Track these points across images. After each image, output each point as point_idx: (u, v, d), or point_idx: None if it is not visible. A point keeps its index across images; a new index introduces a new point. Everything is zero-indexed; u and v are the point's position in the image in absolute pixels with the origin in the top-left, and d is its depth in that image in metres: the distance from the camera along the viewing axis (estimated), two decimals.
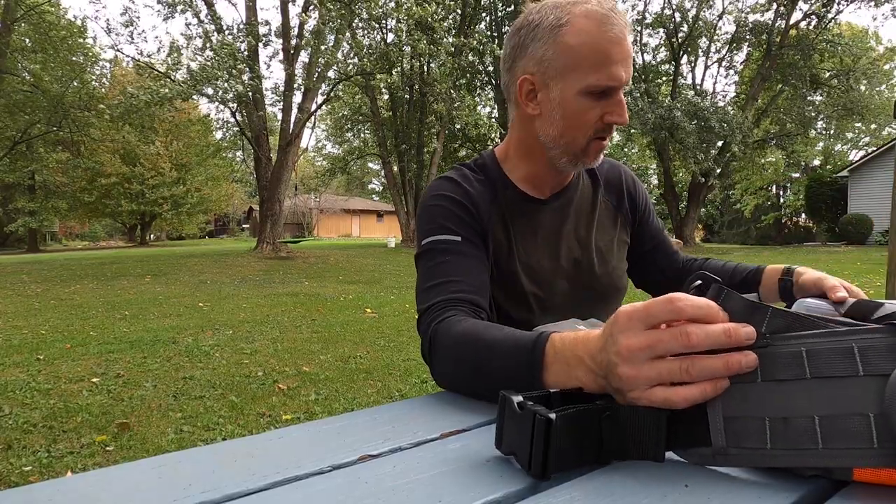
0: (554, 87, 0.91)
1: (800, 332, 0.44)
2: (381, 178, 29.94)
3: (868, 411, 0.41)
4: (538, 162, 1.01)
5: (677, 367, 0.45)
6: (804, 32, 19.15)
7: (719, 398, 0.45)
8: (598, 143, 0.94)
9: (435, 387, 0.90)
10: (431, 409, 0.65)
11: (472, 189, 0.99)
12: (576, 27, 0.87)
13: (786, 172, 31.14)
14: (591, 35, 0.86)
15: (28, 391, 3.53)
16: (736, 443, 0.45)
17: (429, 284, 0.90)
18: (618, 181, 1.14)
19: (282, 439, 0.55)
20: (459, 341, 0.75)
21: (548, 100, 0.92)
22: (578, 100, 0.89)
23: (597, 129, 0.92)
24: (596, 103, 0.89)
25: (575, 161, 0.96)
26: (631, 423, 0.47)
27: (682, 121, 16.77)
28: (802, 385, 0.43)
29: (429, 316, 0.85)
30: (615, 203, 1.12)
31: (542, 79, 0.92)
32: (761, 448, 0.44)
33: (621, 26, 0.86)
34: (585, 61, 0.87)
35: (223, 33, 13.13)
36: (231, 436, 2.83)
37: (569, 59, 0.88)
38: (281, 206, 14.71)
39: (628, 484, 0.44)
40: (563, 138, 0.94)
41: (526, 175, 1.03)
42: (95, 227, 44.27)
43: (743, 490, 0.43)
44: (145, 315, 6.40)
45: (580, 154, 0.95)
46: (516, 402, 0.46)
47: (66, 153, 23.88)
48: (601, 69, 0.86)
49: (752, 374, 0.44)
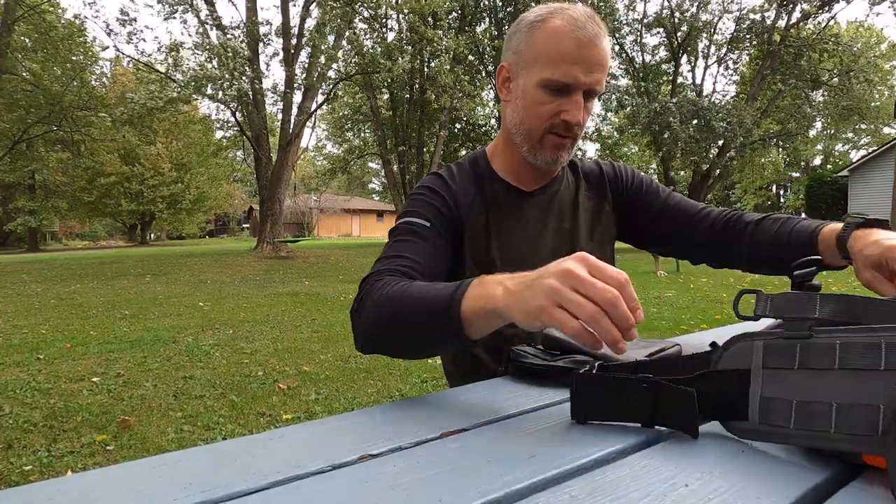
0: (521, 76, 0.98)
1: (840, 328, 0.47)
2: (382, 177, 29.95)
3: (880, 403, 0.43)
4: (515, 153, 1.05)
5: (584, 303, 0.54)
6: (804, 31, 19.13)
7: (761, 379, 0.50)
8: (554, 139, 0.98)
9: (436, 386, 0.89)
10: (431, 409, 0.65)
11: (455, 184, 1.04)
12: (548, 25, 0.93)
13: (786, 172, 31.14)
14: (558, 34, 0.91)
15: (28, 390, 3.54)
16: (766, 420, 0.49)
17: (382, 255, 0.94)
18: (597, 173, 1.17)
19: (282, 439, 0.55)
20: (389, 293, 0.78)
21: (516, 87, 0.99)
22: (536, 91, 0.95)
23: (552, 123, 0.96)
24: (553, 98, 0.94)
25: (533, 152, 1.01)
26: (665, 397, 0.54)
27: (673, 121, 16.75)
28: (829, 374, 0.46)
29: (367, 281, 0.87)
30: (597, 196, 1.15)
31: (515, 69, 0.99)
32: (785, 427, 0.48)
33: (593, 33, 0.91)
34: (545, 56, 0.93)
35: (224, 32, 13.11)
36: (231, 435, 2.83)
37: (534, 52, 0.94)
38: (281, 206, 14.72)
39: (628, 483, 0.44)
40: (522, 125, 1.00)
41: (510, 168, 1.07)
42: (95, 226, 44.27)
43: (743, 490, 0.43)
44: (145, 314, 6.41)
45: (537, 145, 1.00)
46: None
47: (67, 153, 23.88)
48: (558, 66, 0.92)
49: (791, 361, 0.48)
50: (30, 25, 15.76)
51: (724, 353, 0.53)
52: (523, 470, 0.47)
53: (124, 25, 14.17)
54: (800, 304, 0.49)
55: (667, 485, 0.44)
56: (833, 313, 0.48)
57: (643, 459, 0.49)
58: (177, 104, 12.34)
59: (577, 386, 0.58)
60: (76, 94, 16.60)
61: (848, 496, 0.43)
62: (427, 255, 0.94)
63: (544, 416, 0.62)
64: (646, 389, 0.55)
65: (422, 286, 0.76)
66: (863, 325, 0.47)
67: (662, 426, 0.56)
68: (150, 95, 11.99)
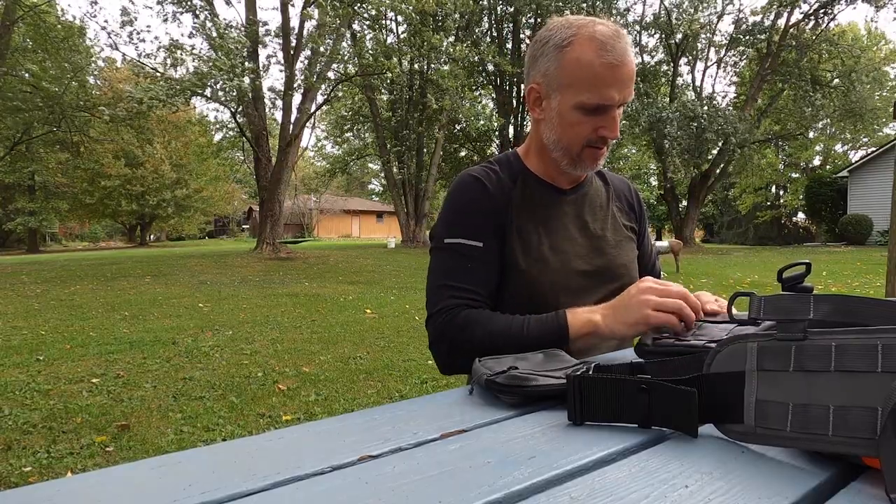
0: (554, 98, 1.01)
1: (836, 329, 0.47)
2: (381, 178, 29.93)
3: (878, 405, 0.43)
4: (549, 160, 1.10)
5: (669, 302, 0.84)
6: (803, 32, 19.14)
7: (756, 382, 0.50)
8: (593, 151, 1.03)
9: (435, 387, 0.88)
10: (431, 410, 0.65)
11: (493, 186, 1.07)
12: (576, 49, 0.96)
13: (785, 172, 31.15)
14: (588, 59, 0.95)
15: (28, 392, 3.53)
16: (763, 423, 0.49)
17: (444, 283, 1.02)
18: (627, 192, 1.26)
19: (282, 440, 0.55)
20: (481, 321, 0.96)
21: (549, 108, 1.03)
22: (573, 113, 0.99)
23: (590, 139, 1.02)
24: (589, 118, 0.99)
25: (573, 165, 1.06)
26: (664, 399, 0.55)
27: (670, 127, 16.78)
28: (826, 377, 0.46)
29: (442, 315, 0.99)
30: (625, 213, 1.23)
31: (546, 89, 1.03)
32: (782, 430, 0.47)
33: (620, 51, 0.94)
34: (580, 82, 0.96)
35: (223, 32, 13.11)
36: (231, 436, 2.82)
37: (566, 76, 0.98)
38: (281, 207, 14.71)
39: (628, 484, 0.44)
40: (560, 143, 1.04)
41: (545, 169, 1.12)
42: (95, 227, 44.28)
43: (743, 491, 0.43)
44: (145, 316, 6.40)
45: (576, 159, 1.05)
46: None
47: (66, 154, 23.87)
48: (593, 90, 0.96)
49: (786, 363, 0.48)
50: (29, 27, 15.74)
51: (717, 356, 0.53)
52: (523, 471, 0.47)
53: (123, 27, 14.18)
54: (794, 305, 0.49)
55: (667, 485, 0.44)
56: (828, 314, 0.48)
57: (643, 460, 0.49)
58: (176, 98, 12.22)
59: (573, 388, 0.58)
60: (75, 95, 16.58)
61: (848, 497, 0.43)
62: (484, 280, 1.03)
63: (544, 417, 0.62)
64: (643, 390, 0.55)
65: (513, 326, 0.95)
66: (858, 326, 0.46)
67: (659, 427, 0.56)
68: (148, 91, 11.94)
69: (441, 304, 1.00)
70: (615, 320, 0.88)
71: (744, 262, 13.88)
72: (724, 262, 14.04)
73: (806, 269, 0.53)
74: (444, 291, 1.01)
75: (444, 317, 0.99)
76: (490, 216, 1.05)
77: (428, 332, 1.03)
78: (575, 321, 0.91)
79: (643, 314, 0.84)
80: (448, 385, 3.71)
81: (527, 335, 0.92)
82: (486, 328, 0.95)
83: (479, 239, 1.03)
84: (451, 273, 1.02)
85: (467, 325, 0.96)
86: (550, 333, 0.91)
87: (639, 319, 0.85)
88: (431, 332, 1.01)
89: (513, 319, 0.95)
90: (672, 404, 0.54)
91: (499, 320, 0.96)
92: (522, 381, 0.66)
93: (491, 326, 0.95)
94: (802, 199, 25.75)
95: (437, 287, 1.02)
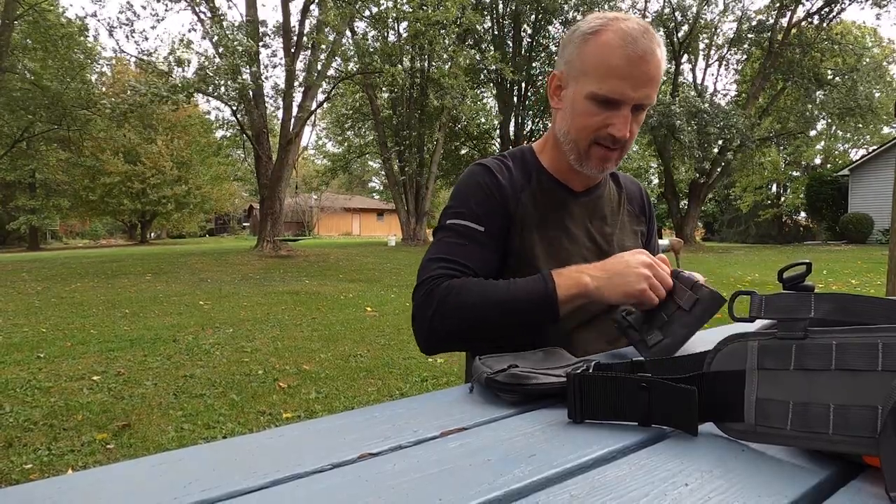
0: (571, 86, 0.99)
1: (836, 328, 0.47)
2: (382, 176, 29.92)
3: (878, 404, 0.43)
4: (563, 155, 1.07)
5: (660, 287, 0.87)
6: (806, 31, 19.10)
7: (756, 380, 0.50)
8: (600, 151, 1.00)
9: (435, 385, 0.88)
10: (431, 408, 0.65)
11: (504, 178, 1.05)
12: (601, 39, 0.93)
13: (786, 171, 31.08)
14: (610, 48, 0.92)
15: (29, 389, 3.54)
16: (763, 422, 0.49)
17: (438, 256, 0.99)
18: (639, 196, 1.24)
19: (282, 437, 0.55)
20: (468, 285, 0.93)
21: (566, 97, 1.01)
22: (584, 103, 0.96)
23: (598, 136, 0.98)
24: (600, 111, 0.95)
25: (579, 161, 1.03)
26: (664, 397, 0.54)
27: (680, 122, 16.75)
28: (826, 375, 0.46)
29: (428, 283, 0.96)
30: (636, 218, 1.22)
31: (567, 78, 1.01)
32: (782, 429, 0.47)
33: (645, 48, 0.91)
34: (594, 70, 0.94)
35: (225, 31, 13.08)
36: (231, 434, 2.83)
37: (585, 64, 0.96)
38: (281, 205, 14.71)
39: (628, 482, 0.44)
40: (569, 134, 1.01)
41: (558, 167, 1.09)
42: (96, 225, 44.27)
43: (743, 489, 0.43)
44: (146, 313, 6.41)
45: (584, 156, 1.01)
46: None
47: (67, 152, 23.85)
48: (606, 81, 0.93)
49: (787, 362, 0.48)
50: (29, 25, 15.72)
51: (717, 354, 0.53)
52: (523, 469, 0.47)
53: (122, 26, 14.17)
54: (795, 304, 0.49)
55: (667, 483, 0.44)
56: (828, 313, 0.48)
57: (643, 458, 0.49)
58: (180, 94, 12.18)
59: (573, 386, 0.58)
60: (76, 93, 16.57)
61: (848, 495, 0.43)
62: (481, 260, 1.00)
63: (544, 415, 0.62)
64: (643, 389, 0.55)
65: (498, 286, 0.92)
66: (859, 324, 0.46)
67: (659, 425, 0.56)
68: (152, 86, 11.92)
69: (429, 274, 0.97)
70: (610, 286, 0.88)
71: (744, 260, 13.87)
72: (725, 260, 14.03)
73: (806, 269, 0.53)
74: (435, 263, 0.98)
75: (431, 284, 0.95)
76: (497, 205, 1.03)
77: (413, 302, 0.98)
78: (563, 282, 0.90)
79: (640, 288, 0.85)
80: (448, 383, 3.71)
81: (512, 297, 0.90)
82: (473, 290, 0.92)
83: (482, 224, 1.01)
84: (447, 248, 1.00)
85: (452, 289, 0.93)
86: (537, 294, 0.89)
87: (634, 293, 0.85)
88: (416, 300, 0.97)
89: (498, 282, 0.94)
90: (672, 403, 0.54)
91: (485, 283, 0.94)
92: (522, 380, 0.66)
93: (477, 288, 0.92)
94: (803, 197, 25.71)
95: (430, 260, 1.00)
